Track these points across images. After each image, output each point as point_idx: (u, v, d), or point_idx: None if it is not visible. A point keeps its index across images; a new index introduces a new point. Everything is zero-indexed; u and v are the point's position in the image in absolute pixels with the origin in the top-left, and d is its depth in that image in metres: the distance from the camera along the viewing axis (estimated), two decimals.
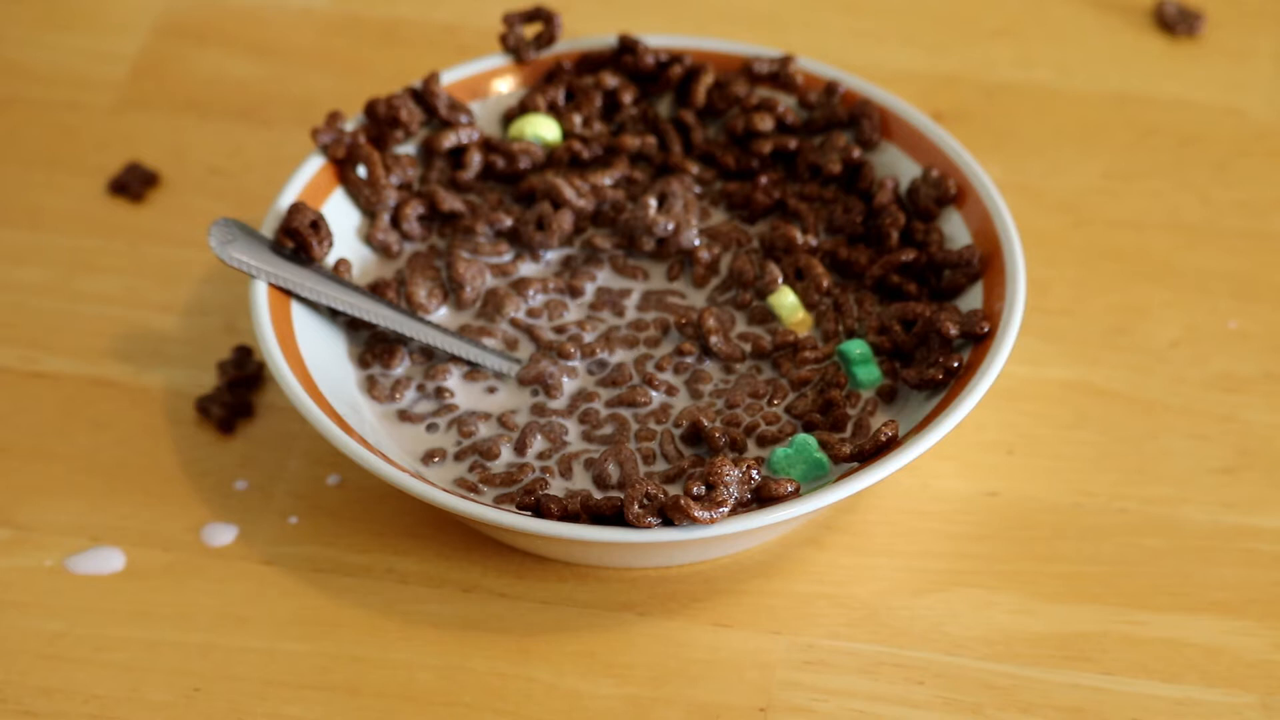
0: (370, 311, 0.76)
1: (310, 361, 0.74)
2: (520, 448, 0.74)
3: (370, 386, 0.76)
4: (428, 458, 0.74)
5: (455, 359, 0.77)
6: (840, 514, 0.75)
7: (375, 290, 0.78)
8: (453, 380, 0.76)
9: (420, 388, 0.76)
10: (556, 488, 0.73)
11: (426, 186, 0.81)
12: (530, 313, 0.78)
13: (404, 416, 0.75)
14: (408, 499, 0.74)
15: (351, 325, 0.77)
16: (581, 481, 0.73)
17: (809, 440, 0.72)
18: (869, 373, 0.74)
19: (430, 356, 0.77)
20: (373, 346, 0.77)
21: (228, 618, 0.72)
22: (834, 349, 0.76)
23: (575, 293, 0.79)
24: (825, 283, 0.78)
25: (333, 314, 0.77)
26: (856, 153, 0.81)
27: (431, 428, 0.75)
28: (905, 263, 0.78)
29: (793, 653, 0.71)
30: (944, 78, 0.93)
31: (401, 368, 0.77)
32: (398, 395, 0.76)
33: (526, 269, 0.80)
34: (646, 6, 0.96)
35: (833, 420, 0.73)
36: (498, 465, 0.74)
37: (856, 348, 0.75)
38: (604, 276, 0.80)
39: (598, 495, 0.72)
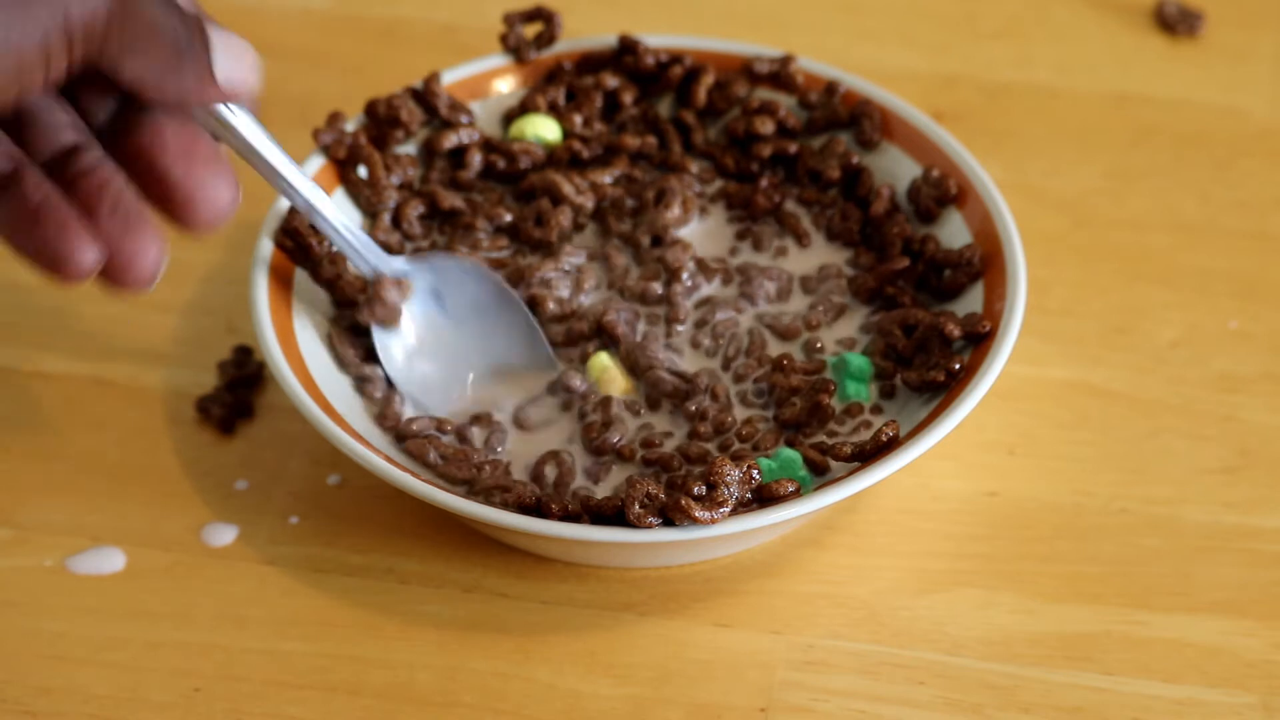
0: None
1: (310, 361, 0.74)
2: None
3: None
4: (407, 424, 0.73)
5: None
6: (840, 514, 0.75)
7: None
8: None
9: None
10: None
11: (427, 186, 0.81)
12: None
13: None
14: (408, 499, 0.74)
15: (353, 326, 0.77)
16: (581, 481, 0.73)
17: (794, 456, 0.71)
18: (859, 391, 0.74)
19: None
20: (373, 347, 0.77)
21: (228, 618, 0.72)
22: (828, 360, 0.75)
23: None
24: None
25: (333, 315, 0.77)
26: (855, 159, 0.80)
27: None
28: (899, 271, 0.77)
29: (793, 653, 0.71)
30: (944, 78, 0.93)
31: None
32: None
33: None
34: (646, 6, 0.96)
35: (819, 422, 0.73)
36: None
37: (856, 361, 0.74)
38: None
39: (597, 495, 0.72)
